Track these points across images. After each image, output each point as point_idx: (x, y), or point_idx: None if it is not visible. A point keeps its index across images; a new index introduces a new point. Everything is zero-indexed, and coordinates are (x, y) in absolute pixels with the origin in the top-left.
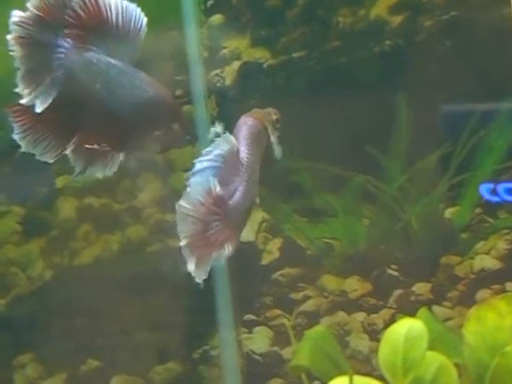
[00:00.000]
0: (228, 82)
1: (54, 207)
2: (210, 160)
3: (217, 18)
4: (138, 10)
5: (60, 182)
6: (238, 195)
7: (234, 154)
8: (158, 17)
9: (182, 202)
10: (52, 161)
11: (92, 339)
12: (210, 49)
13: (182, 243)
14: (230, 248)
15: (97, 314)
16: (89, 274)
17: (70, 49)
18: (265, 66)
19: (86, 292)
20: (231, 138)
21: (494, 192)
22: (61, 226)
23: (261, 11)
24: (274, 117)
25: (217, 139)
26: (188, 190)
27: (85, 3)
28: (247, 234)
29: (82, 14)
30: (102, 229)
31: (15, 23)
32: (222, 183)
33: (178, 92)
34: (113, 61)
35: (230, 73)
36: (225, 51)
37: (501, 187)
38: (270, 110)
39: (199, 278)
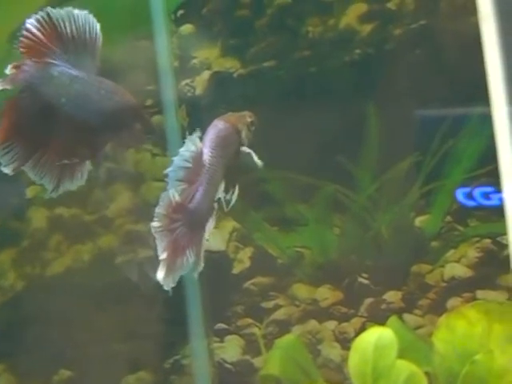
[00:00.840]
0: (199, 91)
1: (25, 217)
2: (181, 160)
3: (187, 28)
4: (90, 16)
5: (31, 192)
6: (197, 196)
7: (198, 155)
8: (128, 27)
9: (152, 224)
10: (12, 173)
11: (64, 349)
12: (181, 58)
13: (162, 257)
14: (193, 253)
15: (69, 324)
16: (60, 284)
17: (31, 65)
18: (235, 75)
19: (58, 302)
20: (197, 139)
21: (470, 196)
22: (32, 236)
23: (231, 21)
24: (249, 119)
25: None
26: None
27: (39, 22)
28: (218, 244)
29: (37, 33)
30: (73, 239)
31: None
32: (189, 183)
33: (149, 102)
34: (75, 73)
35: (200, 82)
36: (195, 61)
37: (477, 191)
38: (246, 113)
39: (167, 286)
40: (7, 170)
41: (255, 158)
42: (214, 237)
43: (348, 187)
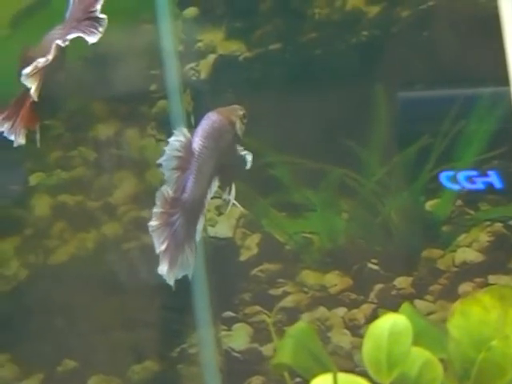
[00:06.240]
0: (203, 75)
1: (27, 205)
2: (171, 149)
3: (191, 11)
4: None
5: (33, 179)
6: (188, 185)
7: (187, 144)
8: (131, 10)
9: (150, 223)
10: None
11: (68, 339)
12: (185, 42)
13: (161, 249)
14: (190, 251)
15: (73, 313)
16: (64, 272)
17: None
18: (240, 58)
19: (62, 291)
20: (185, 130)
21: (454, 180)
22: (35, 224)
23: (236, 3)
24: (241, 112)
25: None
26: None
27: None
28: (225, 230)
29: None
30: (76, 227)
31: None
32: (182, 171)
33: (153, 86)
34: None
35: (205, 66)
36: (200, 44)
37: (461, 175)
38: (236, 106)
39: (170, 280)
40: None
41: (249, 158)
42: (221, 223)
43: (356, 171)
